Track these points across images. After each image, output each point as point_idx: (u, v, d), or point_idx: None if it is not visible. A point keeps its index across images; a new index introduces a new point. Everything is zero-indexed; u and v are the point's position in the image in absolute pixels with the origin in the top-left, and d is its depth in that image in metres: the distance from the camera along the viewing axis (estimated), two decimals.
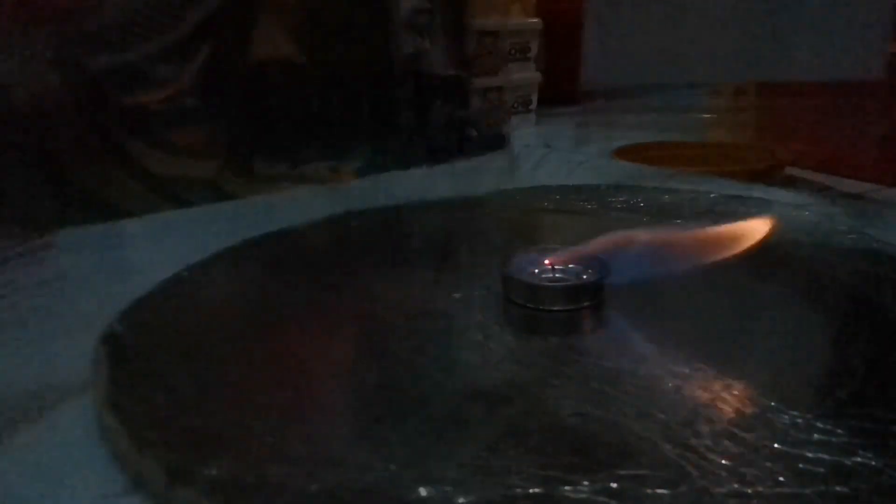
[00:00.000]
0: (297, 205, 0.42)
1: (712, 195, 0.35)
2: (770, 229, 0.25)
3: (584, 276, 0.24)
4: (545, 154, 0.48)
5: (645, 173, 0.43)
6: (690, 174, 0.43)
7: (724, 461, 0.16)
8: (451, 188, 0.44)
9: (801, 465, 0.16)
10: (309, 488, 0.16)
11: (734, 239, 0.24)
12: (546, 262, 0.25)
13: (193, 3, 0.50)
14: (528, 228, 0.36)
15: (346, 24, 0.47)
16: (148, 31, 0.50)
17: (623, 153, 0.53)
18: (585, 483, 0.15)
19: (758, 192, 0.37)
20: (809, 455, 0.16)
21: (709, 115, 0.66)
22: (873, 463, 0.16)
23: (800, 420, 0.17)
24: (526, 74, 0.68)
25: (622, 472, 0.16)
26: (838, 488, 0.15)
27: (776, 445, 0.17)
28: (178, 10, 0.50)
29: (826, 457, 0.16)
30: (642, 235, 0.25)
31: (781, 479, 0.15)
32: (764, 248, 0.25)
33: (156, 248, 0.35)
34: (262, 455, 0.17)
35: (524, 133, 0.63)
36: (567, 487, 0.15)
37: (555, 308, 0.24)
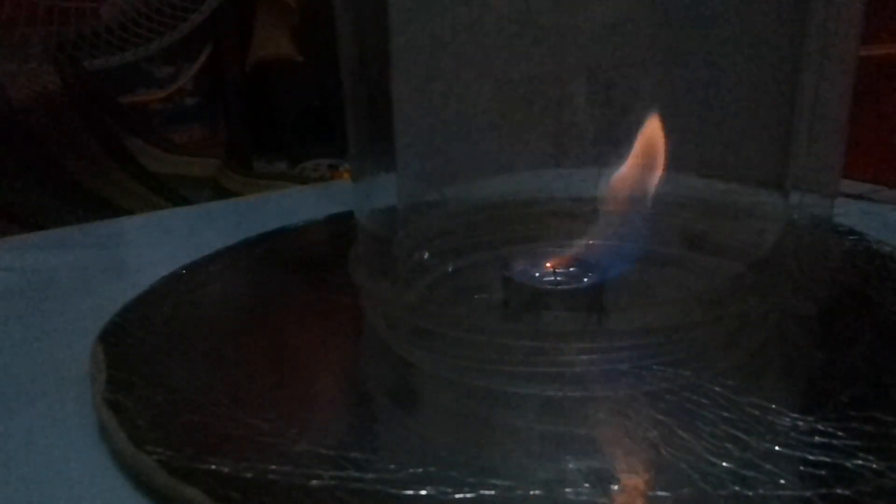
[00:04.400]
0: (296, 203, 0.42)
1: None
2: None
3: (585, 280, 0.24)
4: None
5: None
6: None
7: (725, 464, 0.16)
8: None
9: (802, 468, 0.16)
10: (308, 487, 0.16)
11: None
12: (547, 264, 0.25)
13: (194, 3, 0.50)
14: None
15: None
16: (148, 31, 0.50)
17: None
18: (586, 485, 0.15)
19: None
20: (811, 458, 0.16)
21: None
22: (874, 465, 0.16)
23: (801, 422, 0.17)
24: None
25: (623, 476, 0.16)
26: (839, 491, 0.15)
27: (777, 448, 0.17)
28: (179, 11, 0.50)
29: (827, 459, 0.16)
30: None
31: (783, 481, 0.15)
32: (764, 249, 0.25)
33: (155, 246, 0.35)
34: (261, 453, 0.17)
35: None
36: (568, 490, 0.15)
37: (554, 311, 0.24)
